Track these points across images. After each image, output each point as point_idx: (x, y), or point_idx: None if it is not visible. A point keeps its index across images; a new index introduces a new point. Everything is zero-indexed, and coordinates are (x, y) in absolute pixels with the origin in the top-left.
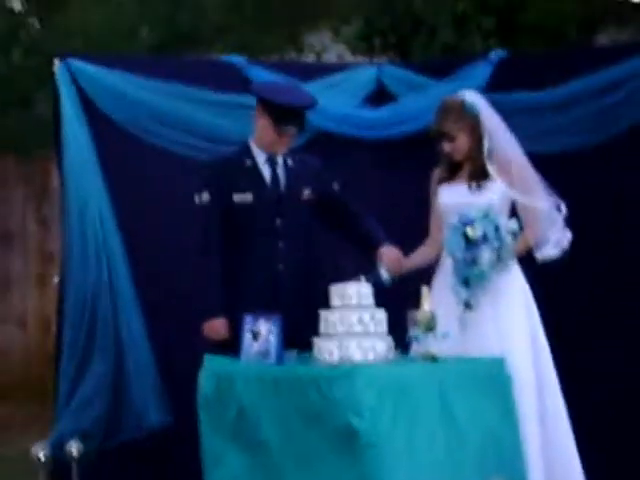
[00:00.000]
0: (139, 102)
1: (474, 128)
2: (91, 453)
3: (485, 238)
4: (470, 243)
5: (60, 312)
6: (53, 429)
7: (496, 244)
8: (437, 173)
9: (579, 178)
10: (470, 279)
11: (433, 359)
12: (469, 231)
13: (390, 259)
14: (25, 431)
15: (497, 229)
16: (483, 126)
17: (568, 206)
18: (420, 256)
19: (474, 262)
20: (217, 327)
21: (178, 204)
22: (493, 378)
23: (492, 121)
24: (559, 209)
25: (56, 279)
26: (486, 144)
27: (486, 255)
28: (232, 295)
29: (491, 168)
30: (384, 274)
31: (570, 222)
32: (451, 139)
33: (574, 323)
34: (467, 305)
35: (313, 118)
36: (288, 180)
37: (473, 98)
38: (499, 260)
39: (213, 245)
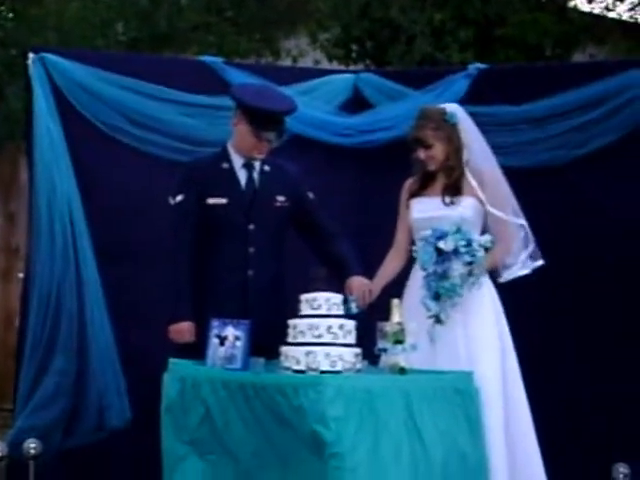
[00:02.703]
0: (112, 99)
1: (451, 138)
2: (49, 452)
3: (457, 252)
4: (441, 256)
5: (24, 308)
6: (11, 427)
7: (468, 258)
8: (410, 184)
9: (552, 192)
10: (441, 293)
11: (401, 371)
12: (441, 244)
13: (360, 291)
14: None
15: (469, 243)
16: (461, 137)
17: (538, 220)
18: (389, 270)
19: (445, 276)
20: (183, 330)
21: (149, 203)
22: (460, 392)
23: (470, 133)
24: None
25: (21, 274)
26: (465, 156)
27: (457, 269)
28: (200, 298)
29: (470, 178)
30: (353, 307)
31: (542, 236)
32: (427, 147)
33: (541, 333)
34: (437, 319)
35: (289, 122)
36: (262, 185)
37: (453, 109)
38: (470, 275)
39: (183, 247)
